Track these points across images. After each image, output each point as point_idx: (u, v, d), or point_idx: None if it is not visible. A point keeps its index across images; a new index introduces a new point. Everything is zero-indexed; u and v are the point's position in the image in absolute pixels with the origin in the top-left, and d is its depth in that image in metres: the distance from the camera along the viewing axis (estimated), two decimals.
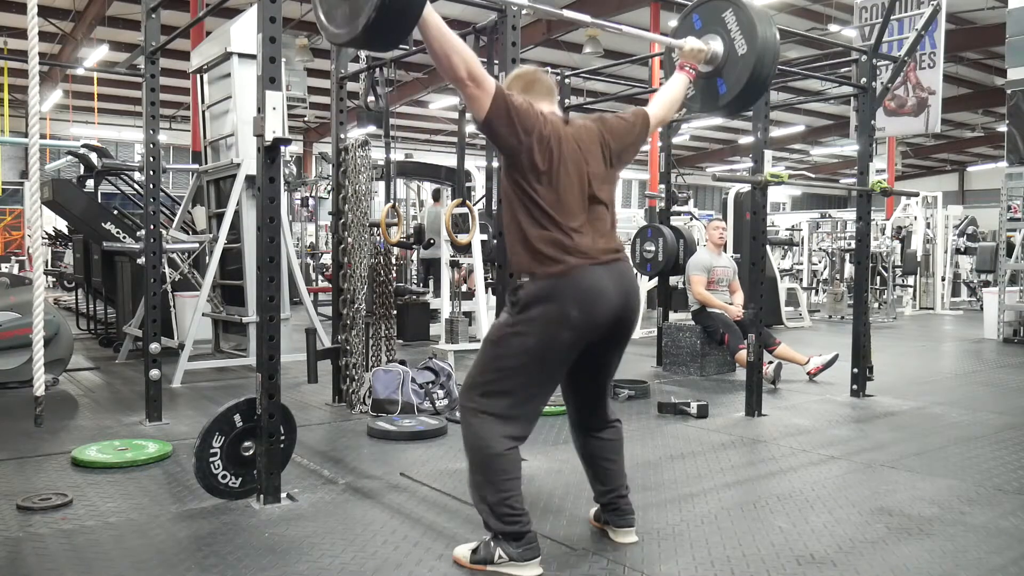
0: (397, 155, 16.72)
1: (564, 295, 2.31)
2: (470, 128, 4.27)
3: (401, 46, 5.36)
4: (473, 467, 2.39)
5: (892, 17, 9.78)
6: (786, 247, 12.96)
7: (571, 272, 2.33)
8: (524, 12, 3.32)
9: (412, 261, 10.70)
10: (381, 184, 5.48)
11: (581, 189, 2.40)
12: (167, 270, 6.31)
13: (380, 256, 5.16)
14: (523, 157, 2.33)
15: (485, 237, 6.08)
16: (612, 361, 2.58)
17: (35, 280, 2.62)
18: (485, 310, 6.51)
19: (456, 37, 2.21)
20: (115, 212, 7.33)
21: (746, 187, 4.55)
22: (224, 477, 2.96)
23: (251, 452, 2.99)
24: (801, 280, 12.60)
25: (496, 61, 3.94)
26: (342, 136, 4.94)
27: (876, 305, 11.48)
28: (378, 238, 5.08)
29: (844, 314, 10.86)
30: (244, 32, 5.95)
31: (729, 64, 2.92)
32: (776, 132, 23.16)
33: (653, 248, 6.56)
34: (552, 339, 2.33)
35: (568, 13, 3.08)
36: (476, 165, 8.43)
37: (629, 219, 13.13)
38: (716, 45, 2.94)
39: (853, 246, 7.64)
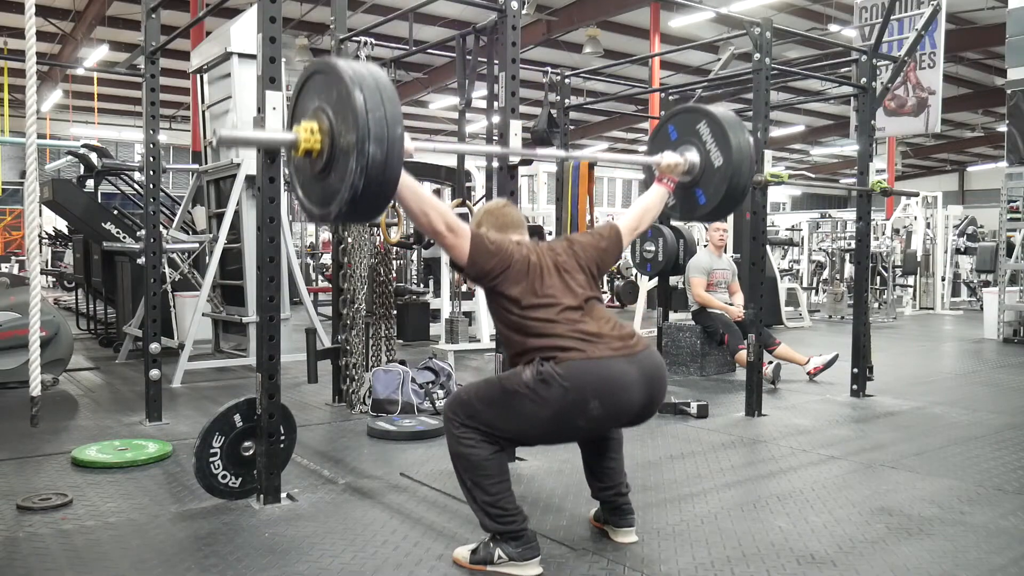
0: None
1: (585, 383, 2.30)
2: (470, 128, 4.27)
3: (401, 46, 5.36)
4: (461, 472, 2.41)
5: (892, 17, 9.78)
6: (786, 247, 12.96)
7: (592, 360, 2.32)
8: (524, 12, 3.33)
9: (412, 261, 10.69)
10: None
11: (571, 292, 2.46)
12: (167, 270, 6.31)
13: (380, 256, 5.16)
14: (509, 280, 2.42)
15: None
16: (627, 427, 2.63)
17: (31, 280, 2.62)
18: (485, 310, 6.51)
19: (429, 195, 2.36)
20: (115, 212, 7.33)
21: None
22: (224, 477, 2.96)
23: (251, 452, 2.99)
24: (801, 280, 12.61)
25: (496, 61, 3.94)
26: None
27: (876, 305, 11.48)
28: (378, 238, 5.08)
29: (844, 314, 10.85)
30: (244, 32, 5.95)
31: (706, 175, 3.02)
32: (776, 132, 23.14)
33: (653, 248, 6.55)
34: (566, 422, 2.35)
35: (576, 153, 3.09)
36: (476, 165, 8.44)
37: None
38: (692, 156, 3.02)
39: (853, 246, 7.63)
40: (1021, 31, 8.51)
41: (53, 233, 12.28)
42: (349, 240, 4.81)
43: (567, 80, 6.35)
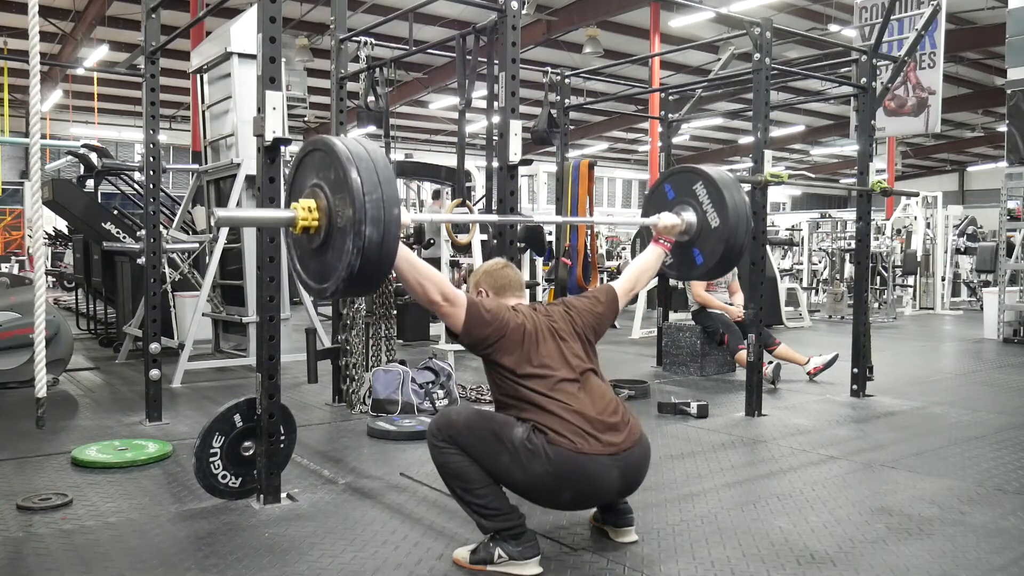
0: (397, 155, 16.74)
1: (568, 475, 2.33)
2: (470, 128, 4.27)
3: (401, 46, 5.36)
4: (447, 481, 2.43)
5: (892, 17, 9.78)
6: (786, 247, 12.96)
7: (578, 456, 2.32)
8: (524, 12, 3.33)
9: None
10: None
11: (567, 363, 2.47)
12: (167, 270, 6.31)
13: None
14: (503, 349, 2.43)
15: (485, 237, 6.08)
16: None
17: (36, 280, 2.62)
18: None
19: (425, 265, 2.37)
20: (115, 212, 7.33)
21: (746, 187, 4.54)
22: (224, 477, 2.96)
23: (251, 452, 2.99)
24: (801, 280, 12.61)
25: (496, 61, 3.94)
26: (342, 136, 4.95)
27: (876, 305, 11.48)
28: None
29: (844, 314, 10.85)
30: (244, 32, 5.95)
31: (703, 235, 3.08)
32: (776, 132, 23.16)
33: None
34: (535, 492, 2.41)
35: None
36: (476, 165, 8.45)
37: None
38: (689, 216, 3.08)
39: (853, 246, 7.63)
40: (1021, 31, 8.51)
41: (53, 233, 12.28)
42: None
43: (567, 80, 6.35)
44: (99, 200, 7.52)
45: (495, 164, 3.68)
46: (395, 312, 5.37)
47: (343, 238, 2.12)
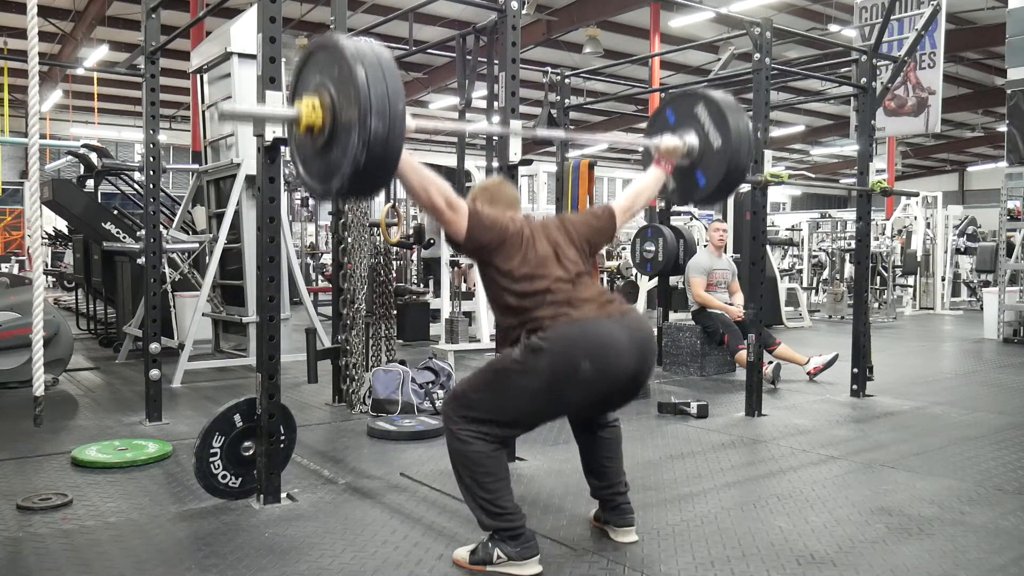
0: None
1: (574, 345, 2.30)
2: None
3: (401, 46, 5.36)
4: (460, 470, 2.40)
5: (892, 17, 9.78)
6: (786, 247, 12.96)
7: (578, 322, 2.33)
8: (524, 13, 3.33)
9: (412, 261, 10.69)
10: None
11: (561, 266, 2.48)
12: (167, 270, 6.31)
13: (380, 256, 5.16)
14: (503, 253, 2.43)
15: None
16: (621, 407, 2.61)
17: (35, 280, 2.62)
18: (485, 310, 6.51)
19: (429, 171, 2.33)
20: (115, 212, 7.33)
21: (746, 187, 4.54)
22: (224, 477, 2.96)
23: (251, 452, 2.99)
24: (801, 280, 12.61)
25: (496, 61, 3.94)
26: None
27: (876, 305, 11.48)
28: (378, 238, 5.08)
29: (844, 314, 10.85)
30: (244, 32, 5.95)
31: (706, 157, 3.00)
32: (776, 132, 23.14)
33: (653, 248, 6.56)
34: (559, 392, 2.33)
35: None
36: (476, 165, 8.43)
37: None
38: (691, 139, 3.01)
39: (853, 246, 7.63)
40: (1021, 31, 8.52)
41: (53, 233, 12.28)
42: (349, 240, 4.81)
43: (567, 80, 6.35)
44: (99, 200, 7.51)
45: (495, 164, 3.68)
46: (395, 312, 5.38)
47: (348, 133, 2.08)
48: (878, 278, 11.91)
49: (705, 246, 6.88)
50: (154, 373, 4.30)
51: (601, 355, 2.31)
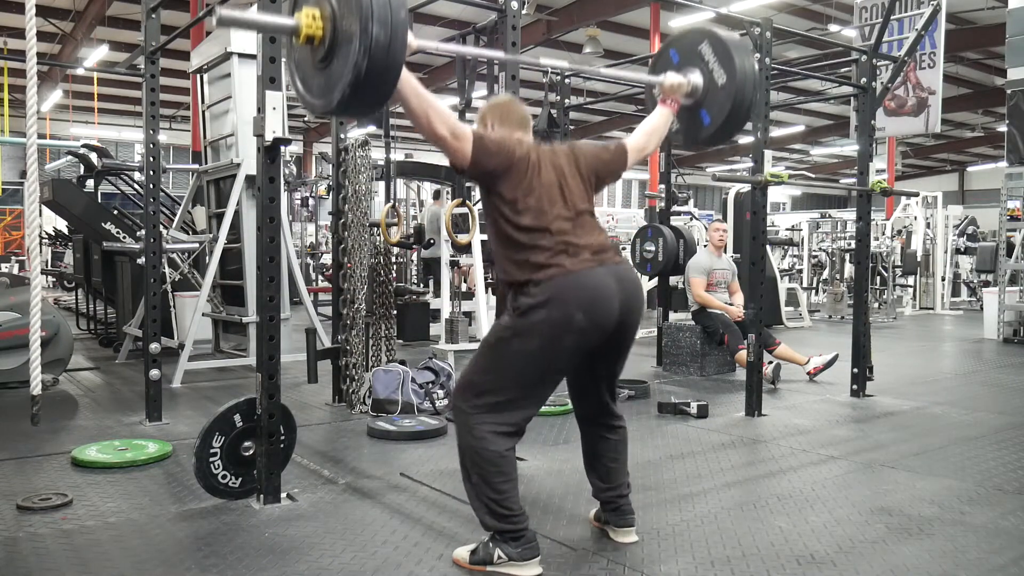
0: (397, 155, 16.69)
1: (567, 297, 2.30)
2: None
3: None
4: (469, 467, 2.38)
5: (892, 17, 9.78)
6: (786, 247, 12.96)
7: (572, 273, 2.33)
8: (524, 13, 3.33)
9: (412, 261, 10.69)
10: (381, 184, 5.48)
11: (564, 200, 2.44)
12: (167, 270, 6.31)
13: (380, 256, 5.16)
14: (506, 179, 2.39)
15: (485, 237, 6.07)
16: (617, 365, 2.58)
17: (32, 280, 2.62)
18: (485, 310, 6.51)
19: (431, 96, 2.29)
20: (115, 212, 7.33)
21: (746, 187, 4.55)
22: (224, 477, 2.96)
23: (251, 452, 2.99)
24: (801, 280, 12.60)
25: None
26: (342, 136, 4.94)
27: (876, 305, 11.48)
28: (378, 238, 5.08)
29: (844, 314, 10.85)
30: (244, 32, 5.95)
31: (711, 95, 2.95)
32: (776, 132, 23.15)
33: (653, 248, 6.56)
34: (554, 344, 2.33)
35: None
36: None
37: (629, 219, 13.14)
38: (696, 78, 2.95)
39: (853, 246, 7.63)
40: (1021, 31, 8.52)
41: (53, 233, 12.27)
42: (349, 240, 4.81)
43: (567, 80, 6.35)
44: (99, 200, 7.51)
45: None
46: (395, 312, 5.38)
47: (349, 42, 2.05)
48: (878, 278, 11.91)
49: (705, 246, 6.88)
50: (154, 373, 4.30)
51: (593, 304, 2.33)
